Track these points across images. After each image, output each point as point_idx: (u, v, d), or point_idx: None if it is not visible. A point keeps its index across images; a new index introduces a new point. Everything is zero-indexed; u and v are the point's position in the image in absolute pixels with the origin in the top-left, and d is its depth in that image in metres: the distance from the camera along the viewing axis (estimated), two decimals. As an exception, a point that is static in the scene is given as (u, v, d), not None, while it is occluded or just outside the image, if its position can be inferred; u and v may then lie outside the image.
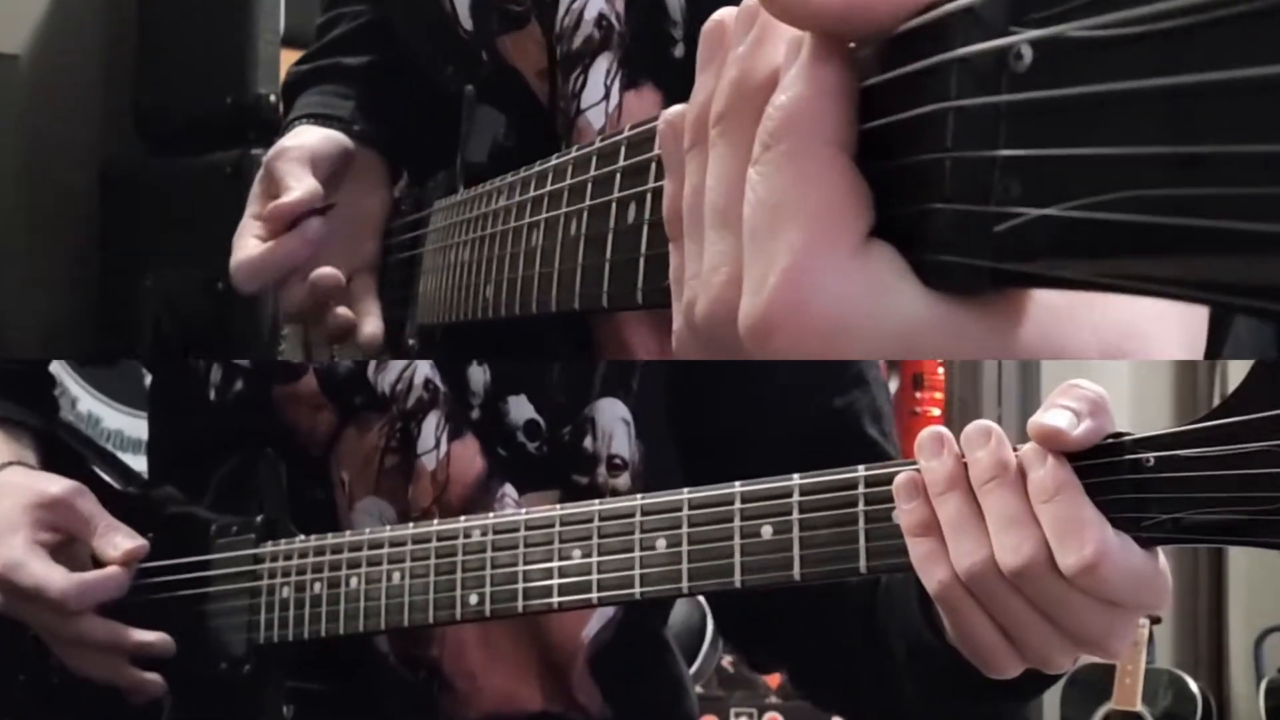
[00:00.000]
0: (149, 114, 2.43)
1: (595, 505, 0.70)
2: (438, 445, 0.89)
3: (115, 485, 0.95)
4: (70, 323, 2.51)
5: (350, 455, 0.90)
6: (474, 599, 0.73)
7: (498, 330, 0.76)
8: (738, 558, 0.64)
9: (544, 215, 0.69)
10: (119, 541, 0.87)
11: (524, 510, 0.73)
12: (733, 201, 0.42)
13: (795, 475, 0.63)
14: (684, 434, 0.89)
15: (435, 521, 0.77)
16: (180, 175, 2.27)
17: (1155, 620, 2.55)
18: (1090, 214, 0.30)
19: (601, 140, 0.62)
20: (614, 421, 0.88)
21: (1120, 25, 0.29)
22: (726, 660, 2.58)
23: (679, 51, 0.80)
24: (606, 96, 0.83)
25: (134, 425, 2.17)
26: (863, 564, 0.60)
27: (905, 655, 0.73)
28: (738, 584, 0.64)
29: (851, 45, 0.40)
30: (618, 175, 0.59)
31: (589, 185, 0.62)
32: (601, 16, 0.82)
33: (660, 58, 0.80)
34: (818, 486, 0.62)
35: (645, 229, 0.55)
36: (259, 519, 0.87)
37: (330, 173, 0.95)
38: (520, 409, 0.88)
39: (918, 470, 0.57)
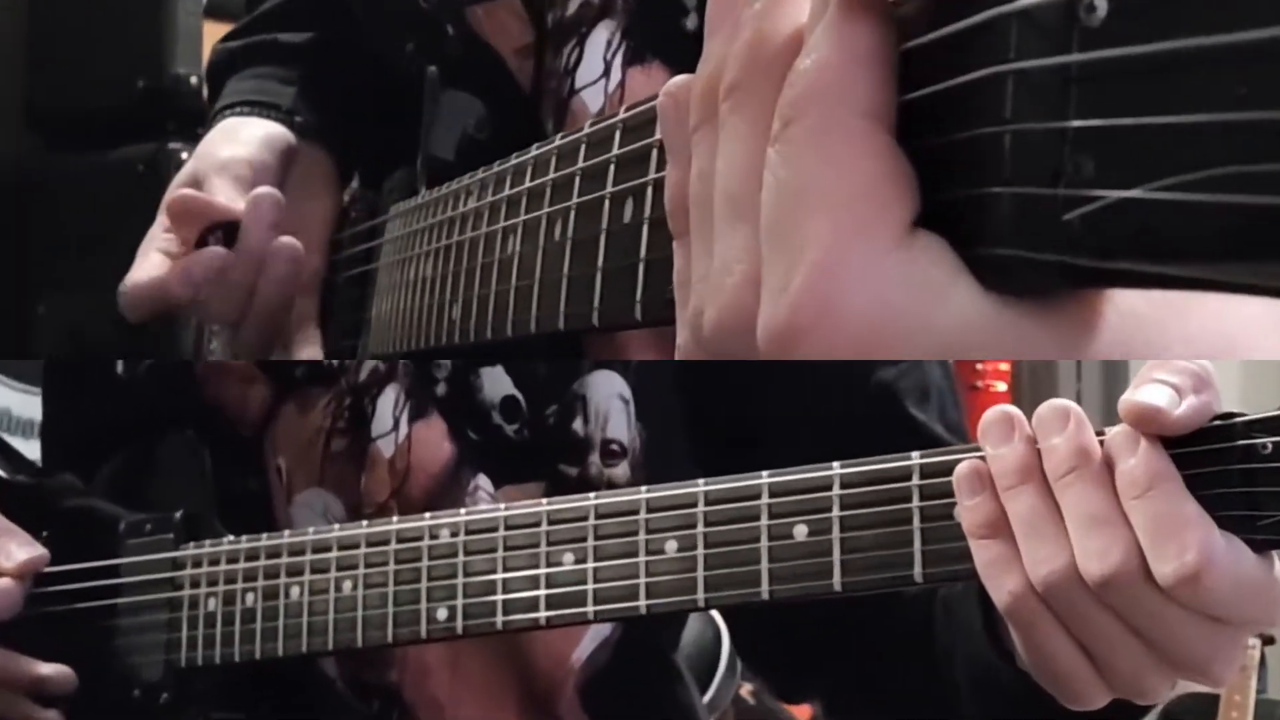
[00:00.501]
0: (43, 104, 2.39)
1: (591, 500, 0.69)
2: (396, 426, 0.89)
3: (2, 475, 0.94)
4: None
5: (289, 438, 0.90)
6: (443, 613, 0.73)
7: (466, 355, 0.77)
8: (765, 564, 0.63)
9: (522, 217, 0.69)
10: (12, 550, 0.87)
11: (503, 506, 0.73)
12: (748, 188, 0.42)
13: (836, 464, 0.63)
14: (696, 414, 0.89)
15: (395, 519, 0.76)
16: (83, 176, 2.25)
17: (1268, 641, 2.56)
18: (1183, 195, 0.30)
19: (592, 125, 0.62)
20: (610, 399, 0.88)
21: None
22: (746, 689, 2.59)
23: (692, 23, 0.80)
24: (606, 73, 0.83)
25: (25, 403, 2.16)
26: (918, 571, 0.60)
27: (968, 684, 0.73)
28: (765, 596, 0.63)
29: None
30: (612, 166, 0.59)
31: (577, 179, 0.62)
32: None
33: (670, 29, 0.80)
34: (863, 477, 0.62)
35: (645, 229, 0.55)
36: (178, 515, 0.87)
37: (275, 185, 0.95)
38: (496, 383, 0.88)
39: (983, 459, 0.57)
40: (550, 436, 0.88)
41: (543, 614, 0.70)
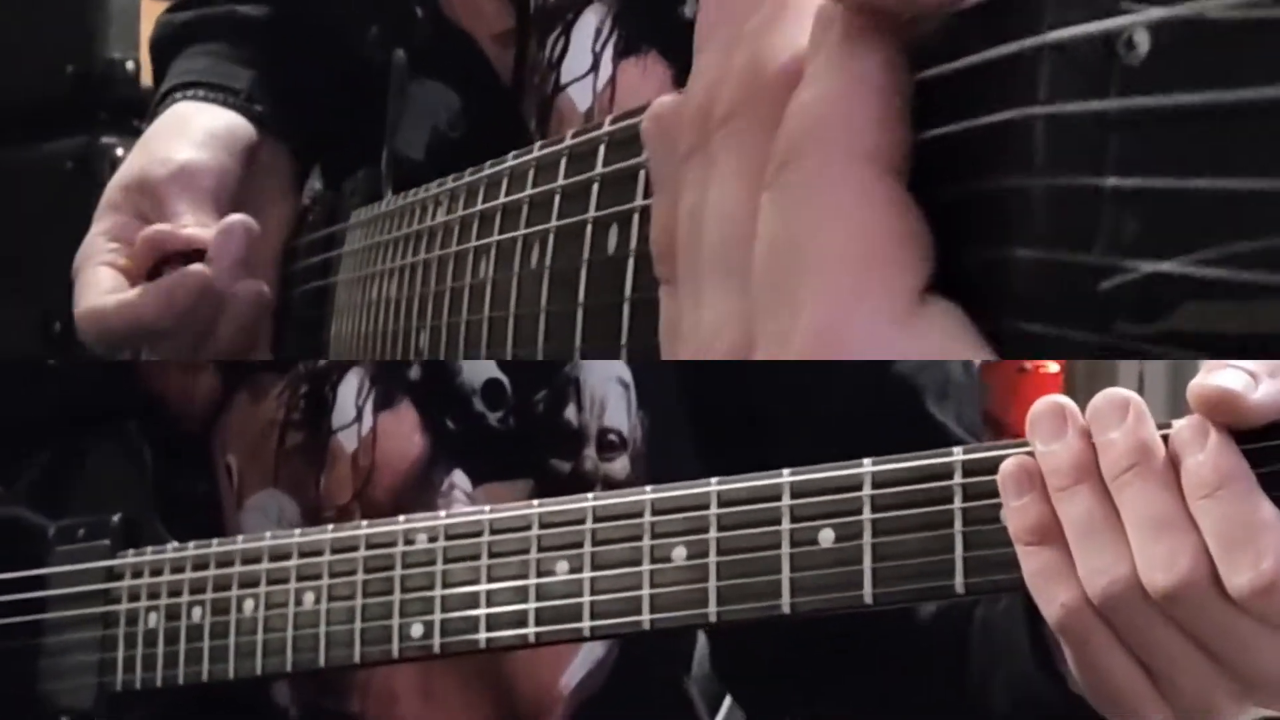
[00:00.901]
0: None
1: (589, 501, 0.69)
2: (359, 417, 0.89)
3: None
4: None
5: (240, 432, 0.91)
6: (418, 629, 0.73)
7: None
8: (786, 573, 0.63)
9: (496, 238, 0.70)
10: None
11: (488, 508, 0.73)
12: (740, 234, 0.41)
13: (866, 461, 0.63)
14: (699, 404, 0.89)
15: (364, 523, 0.76)
16: (1, 173, 2.22)
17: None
18: (1235, 274, 0.29)
19: (574, 136, 0.62)
20: (607, 383, 0.88)
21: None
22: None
23: (691, 9, 0.80)
24: (595, 67, 0.83)
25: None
26: (959, 581, 0.60)
27: (1009, 711, 0.73)
28: (786, 609, 0.63)
29: (902, 22, 0.38)
30: (595, 185, 0.60)
31: (556, 198, 0.63)
32: None
33: (667, 15, 0.80)
34: (898, 476, 0.62)
35: (631, 262, 0.56)
36: (114, 520, 0.86)
37: (238, 190, 0.96)
38: (477, 366, 0.88)
39: (1031, 455, 0.57)
40: (539, 426, 0.88)
41: (532, 630, 0.70)
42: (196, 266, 0.92)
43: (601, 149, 0.59)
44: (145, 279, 0.95)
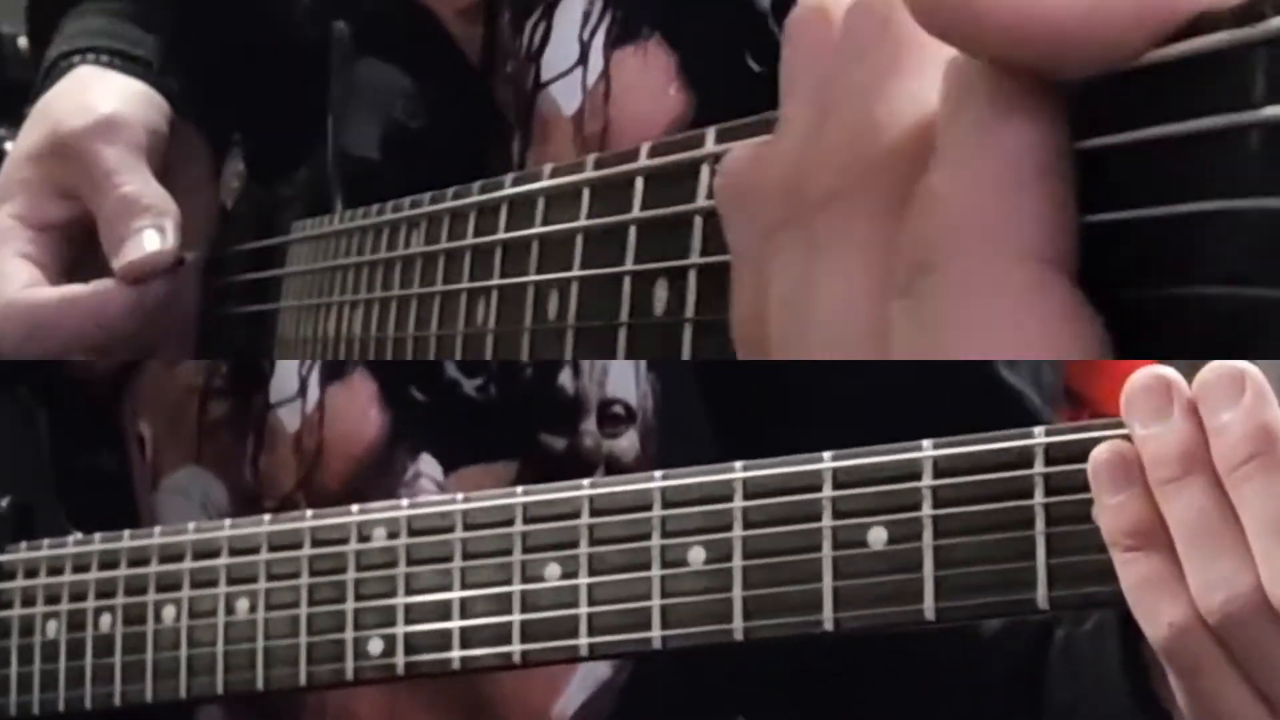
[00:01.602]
0: None
1: (585, 489, 0.70)
2: (303, 390, 0.90)
3: None
4: None
5: (154, 398, 0.92)
6: (376, 645, 0.73)
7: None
8: (829, 581, 0.64)
9: (497, 281, 0.69)
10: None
11: (461, 497, 0.73)
12: (861, 349, 0.43)
13: (926, 443, 0.63)
14: (724, 371, 0.89)
15: (309, 514, 0.77)
16: None
17: None
18: None
19: (553, 174, 0.63)
20: None
21: None
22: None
23: None
24: (584, 59, 0.83)
25: None
26: (1041, 595, 0.60)
27: None
28: (828, 625, 0.64)
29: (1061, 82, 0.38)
30: (632, 230, 0.60)
31: (579, 239, 0.63)
32: None
33: None
34: (965, 462, 0.62)
35: (689, 331, 0.56)
36: (3, 504, 0.87)
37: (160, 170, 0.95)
38: None
39: (1129, 440, 0.57)
40: (528, 395, 0.88)
41: (517, 648, 0.71)
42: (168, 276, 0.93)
43: (586, 193, 0.59)
44: (63, 271, 0.95)
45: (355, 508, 0.76)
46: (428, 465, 0.88)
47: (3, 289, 0.94)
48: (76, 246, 0.96)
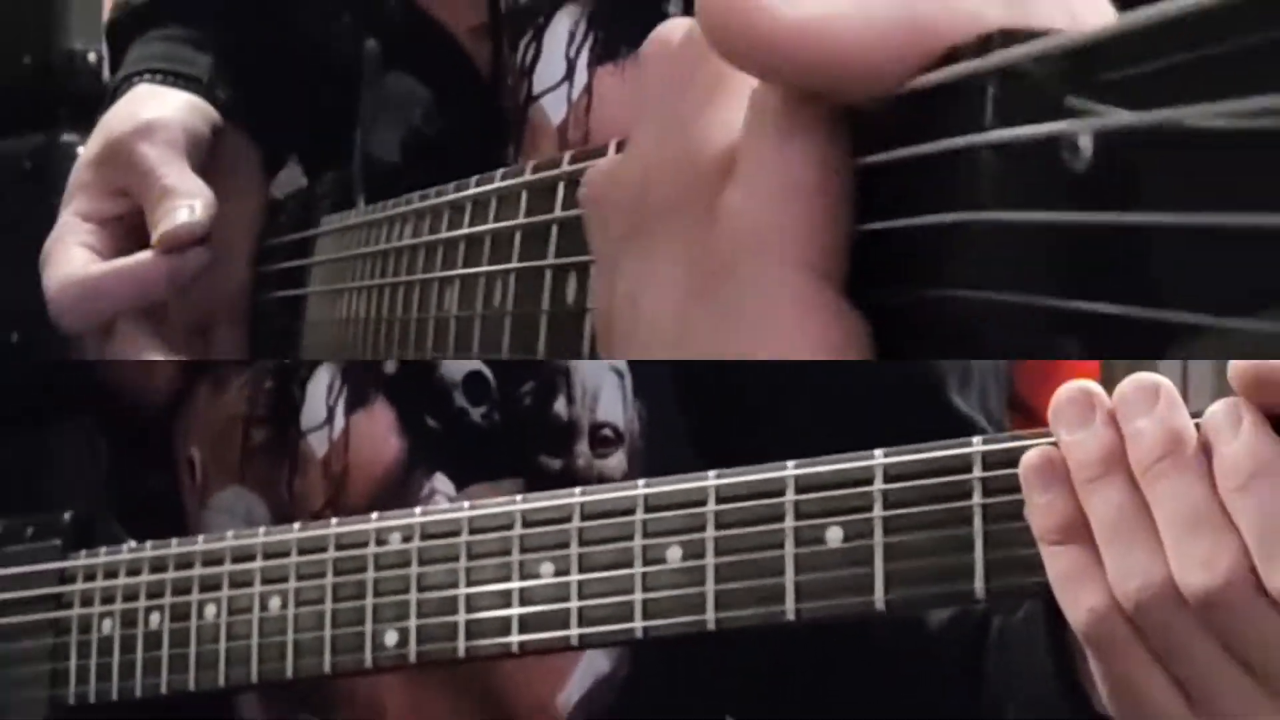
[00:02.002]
0: None
1: (575, 497, 0.69)
2: (330, 418, 0.89)
3: None
4: None
5: (203, 426, 0.91)
6: (392, 637, 0.73)
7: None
8: (790, 575, 0.63)
9: (459, 271, 0.70)
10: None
11: (467, 505, 0.72)
12: (672, 339, 0.43)
13: (878, 452, 0.62)
14: (701, 395, 0.88)
15: (332, 521, 0.76)
16: None
17: None
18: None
19: (535, 169, 0.63)
20: (600, 373, 0.87)
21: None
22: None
23: (675, 7, 0.79)
24: (569, 75, 0.82)
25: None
26: (979, 585, 0.59)
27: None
28: (791, 615, 0.63)
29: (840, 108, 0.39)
30: (554, 229, 0.60)
31: (517, 237, 0.64)
32: None
33: (648, 15, 0.78)
34: (912, 469, 0.61)
35: (588, 321, 0.56)
36: (66, 518, 0.86)
37: (203, 165, 0.95)
38: (457, 360, 0.88)
39: (1056, 446, 0.56)
40: (527, 421, 0.87)
41: (515, 638, 0.70)
42: (203, 249, 0.93)
43: (561, 188, 0.60)
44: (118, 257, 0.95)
45: (374, 515, 0.75)
46: (441, 483, 0.87)
47: (64, 271, 0.94)
48: (130, 238, 0.95)
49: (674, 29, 0.45)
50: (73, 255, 0.94)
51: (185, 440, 0.90)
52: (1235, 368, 0.53)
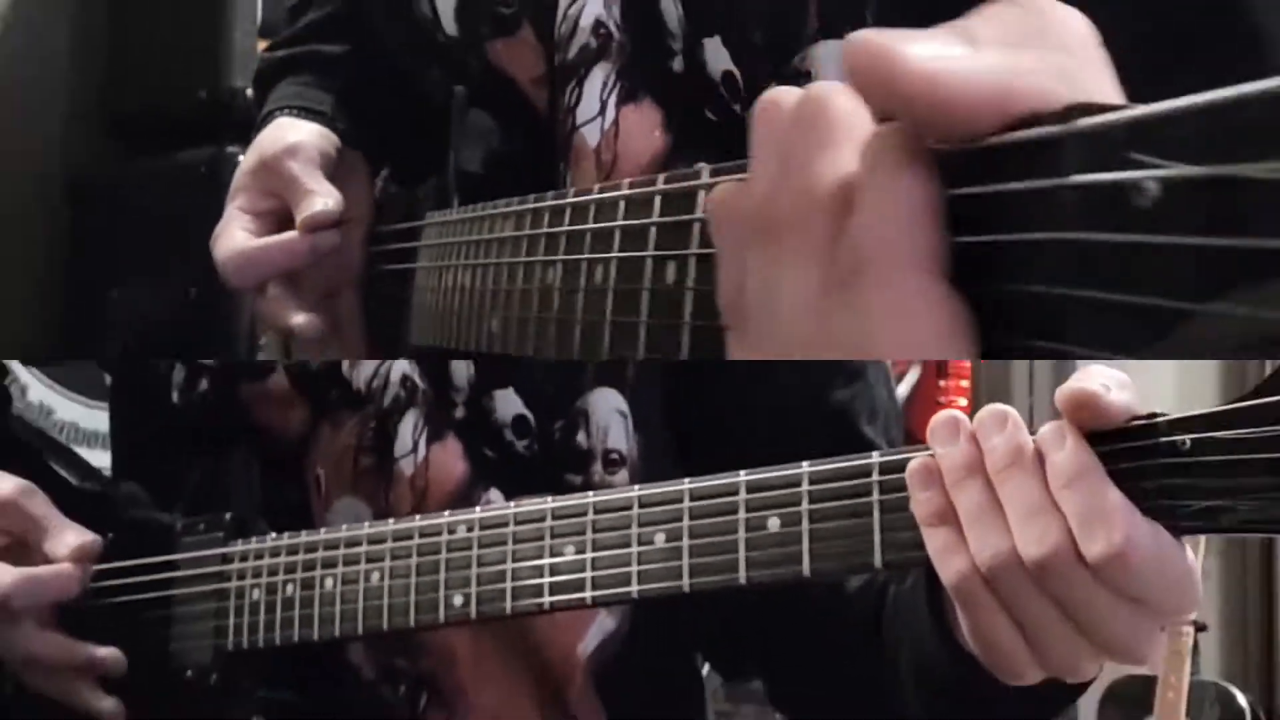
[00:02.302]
0: (118, 113, 2.42)
1: (590, 498, 0.69)
2: (415, 449, 0.87)
3: (72, 481, 0.93)
4: (31, 337, 2.47)
5: (325, 453, 0.89)
6: (458, 599, 0.72)
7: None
8: (742, 552, 0.62)
9: (561, 256, 0.69)
10: (69, 539, 0.87)
11: (512, 504, 0.72)
12: (811, 315, 0.42)
13: (805, 463, 0.62)
14: (681, 426, 0.88)
15: (417, 517, 0.75)
16: (151, 177, 2.26)
17: (1200, 628, 2.53)
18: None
19: (631, 186, 0.62)
20: (609, 414, 0.87)
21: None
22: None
23: (678, 65, 0.79)
24: (602, 111, 0.82)
25: (90, 417, 2.12)
26: (877, 558, 0.59)
27: (914, 669, 0.72)
28: (743, 580, 0.62)
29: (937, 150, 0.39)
30: (653, 230, 0.59)
31: (617, 234, 0.62)
32: (599, 23, 0.81)
33: (659, 70, 0.79)
34: (829, 475, 0.61)
35: (689, 297, 0.55)
36: (227, 518, 0.86)
37: (329, 176, 0.95)
38: (507, 404, 0.87)
39: (933, 457, 0.56)
40: (557, 449, 0.87)
41: (546, 599, 0.69)
42: (334, 232, 0.93)
43: (658, 200, 0.59)
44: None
45: (446, 513, 0.74)
46: (495, 496, 0.87)
47: (231, 245, 0.93)
48: (277, 227, 0.95)
49: (785, 93, 0.45)
50: (236, 236, 0.94)
51: (313, 464, 0.90)
52: (1060, 393, 0.54)
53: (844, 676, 0.79)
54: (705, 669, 0.98)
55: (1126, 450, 0.53)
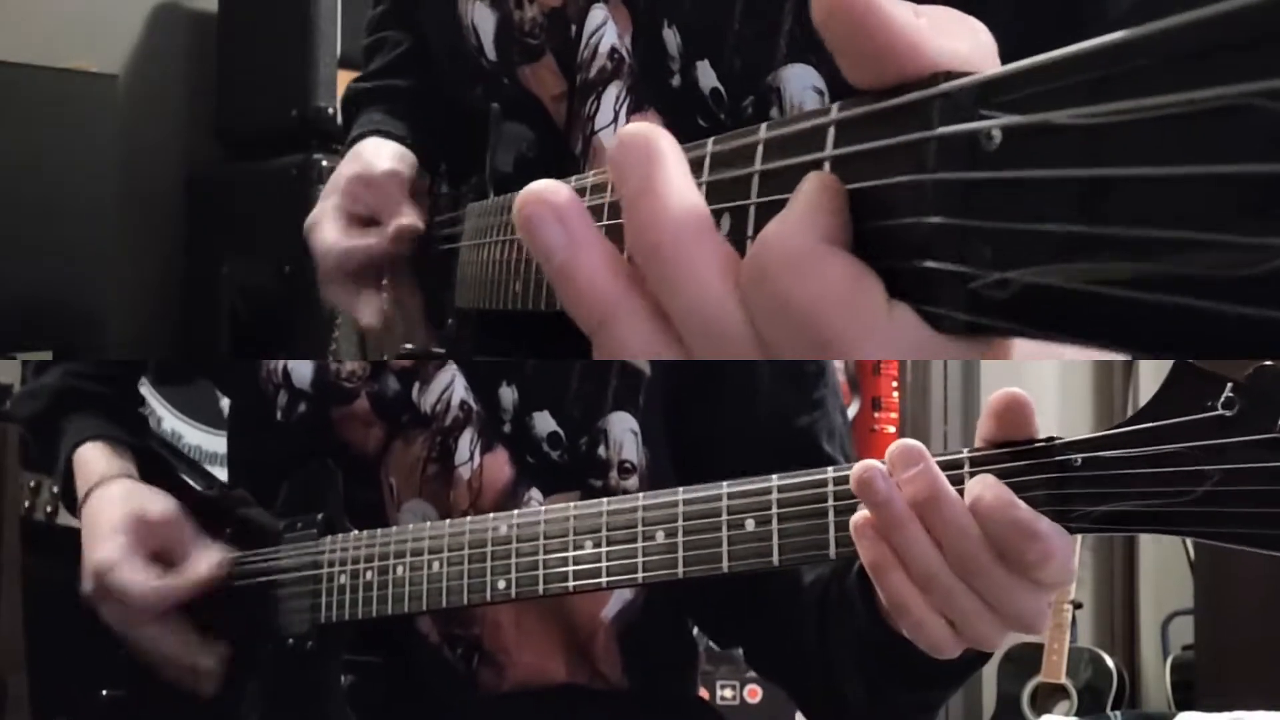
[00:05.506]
0: (227, 125, 2.45)
1: (604, 503, 0.67)
2: (472, 458, 0.86)
3: (199, 489, 0.93)
4: (153, 317, 2.49)
5: (398, 464, 0.88)
6: (501, 584, 0.71)
7: (522, 320, 0.72)
8: (725, 547, 0.62)
9: None
10: (207, 557, 0.86)
11: (543, 509, 0.71)
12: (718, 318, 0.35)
13: (774, 476, 0.61)
14: (679, 444, 0.88)
15: (468, 519, 0.74)
16: (252, 178, 2.27)
17: (1077, 605, 2.52)
18: (1033, 279, 0.28)
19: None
20: (624, 432, 0.86)
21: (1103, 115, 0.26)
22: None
23: (676, 82, 0.78)
24: (616, 119, 0.80)
25: (210, 441, 2.11)
26: (832, 550, 0.58)
27: (851, 640, 0.70)
28: (725, 569, 0.62)
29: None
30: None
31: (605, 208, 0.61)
32: (614, 49, 0.79)
33: (662, 86, 0.78)
34: (793, 485, 0.60)
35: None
36: (320, 517, 0.85)
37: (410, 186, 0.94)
38: (544, 423, 0.85)
39: (870, 475, 0.53)
40: (583, 459, 0.85)
41: (571, 584, 0.68)
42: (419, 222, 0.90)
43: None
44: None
45: (490, 515, 0.73)
46: (535, 494, 0.86)
47: (326, 239, 0.90)
48: (361, 226, 0.91)
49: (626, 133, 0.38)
50: (328, 230, 0.90)
51: (387, 472, 0.88)
52: (992, 401, 0.52)
53: (800, 643, 0.77)
54: (696, 631, 0.97)
55: (1030, 466, 0.52)
